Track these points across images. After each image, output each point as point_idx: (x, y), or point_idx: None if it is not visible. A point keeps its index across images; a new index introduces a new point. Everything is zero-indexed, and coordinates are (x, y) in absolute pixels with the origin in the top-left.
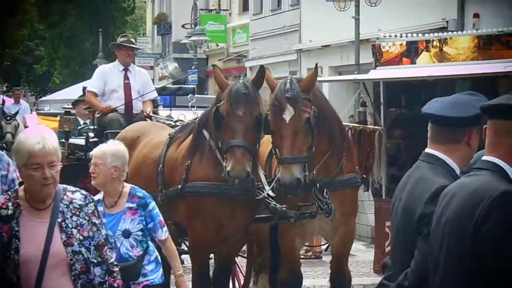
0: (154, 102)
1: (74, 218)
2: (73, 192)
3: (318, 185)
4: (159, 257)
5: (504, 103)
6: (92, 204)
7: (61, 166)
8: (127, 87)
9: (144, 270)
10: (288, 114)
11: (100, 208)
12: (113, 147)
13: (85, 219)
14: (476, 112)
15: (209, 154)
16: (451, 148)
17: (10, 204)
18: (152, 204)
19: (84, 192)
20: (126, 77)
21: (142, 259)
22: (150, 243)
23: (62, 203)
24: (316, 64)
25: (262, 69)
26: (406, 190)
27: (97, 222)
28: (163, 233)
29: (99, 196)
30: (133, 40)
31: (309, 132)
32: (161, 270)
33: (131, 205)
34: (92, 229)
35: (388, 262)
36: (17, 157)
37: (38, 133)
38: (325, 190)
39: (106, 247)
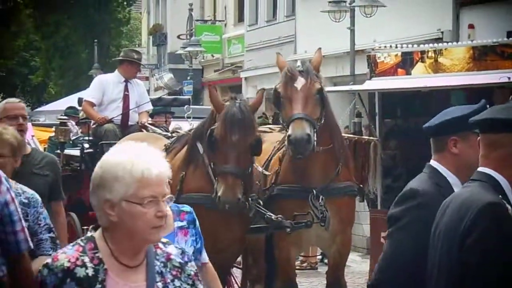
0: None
1: (177, 283)
2: (165, 244)
3: (314, 191)
4: None
5: (491, 117)
6: (192, 263)
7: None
8: (126, 99)
9: None
10: (299, 83)
11: None
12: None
13: (188, 284)
14: (444, 119)
15: (202, 166)
16: (439, 156)
17: (87, 259)
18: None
19: (178, 246)
20: (126, 89)
21: None
22: None
23: (157, 260)
24: (320, 48)
25: (261, 94)
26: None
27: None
28: (206, 255)
29: None
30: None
31: (319, 104)
32: None
33: (180, 223)
34: None
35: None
36: (110, 187)
37: (146, 152)
38: (321, 197)
39: None
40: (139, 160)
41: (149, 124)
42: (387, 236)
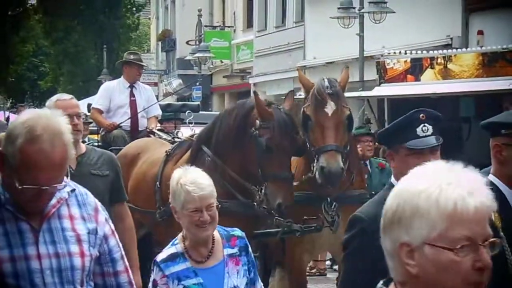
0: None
1: None
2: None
3: (329, 199)
4: None
5: (496, 121)
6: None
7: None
8: (133, 104)
9: None
10: (330, 108)
11: (183, 265)
12: (204, 175)
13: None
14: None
15: (208, 170)
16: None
17: None
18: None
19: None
20: (132, 94)
21: None
22: None
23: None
24: (347, 67)
25: (291, 94)
26: None
27: None
28: (260, 284)
29: (174, 249)
30: (141, 57)
31: (346, 130)
32: None
33: (231, 250)
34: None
35: None
36: (408, 225)
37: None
38: (334, 204)
39: None
40: (451, 186)
41: (158, 130)
42: (342, 261)
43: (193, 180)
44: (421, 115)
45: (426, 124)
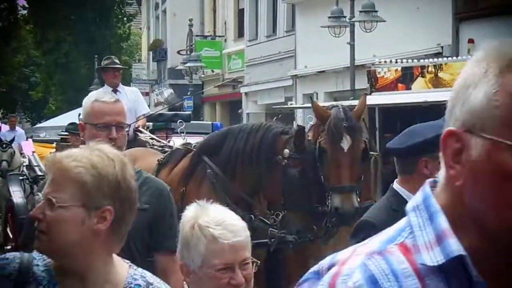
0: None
1: None
2: None
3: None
4: None
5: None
6: None
7: None
8: None
9: None
10: (346, 143)
11: None
12: (234, 214)
13: None
14: (418, 141)
15: (208, 180)
16: (405, 178)
17: None
18: None
19: None
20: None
21: None
22: None
23: None
24: (365, 94)
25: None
26: None
27: None
28: None
29: None
30: (116, 61)
31: (361, 162)
32: None
33: None
34: None
35: None
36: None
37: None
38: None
39: None
40: (214, 224)
41: (150, 139)
42: None
43: (219, 221)
44: None
45: None
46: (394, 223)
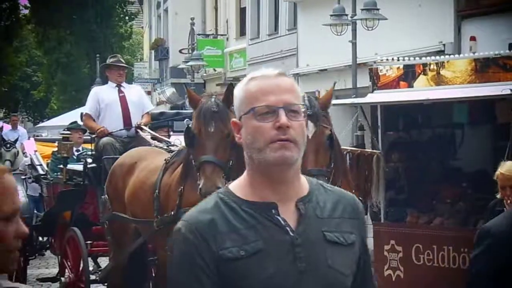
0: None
1: None
2: None
3: None
4: None
5: None
6: None
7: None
8: (123, 100)
9: None
10: (310, 130)
11: None
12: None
13: None
14: None
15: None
16: None
17: None
18: None
19: None
20: (120, 91)
21: None
22: None
23: None
24: (334, 83)
25: (230, 88)
26: None
27: None
28: None
29: None
30: (122, 60)
31: (328, 149)
32: None
33: None
34: None
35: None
36: None
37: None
38: None
39: None
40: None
41: (152, 138)
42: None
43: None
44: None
45: None
46: None
